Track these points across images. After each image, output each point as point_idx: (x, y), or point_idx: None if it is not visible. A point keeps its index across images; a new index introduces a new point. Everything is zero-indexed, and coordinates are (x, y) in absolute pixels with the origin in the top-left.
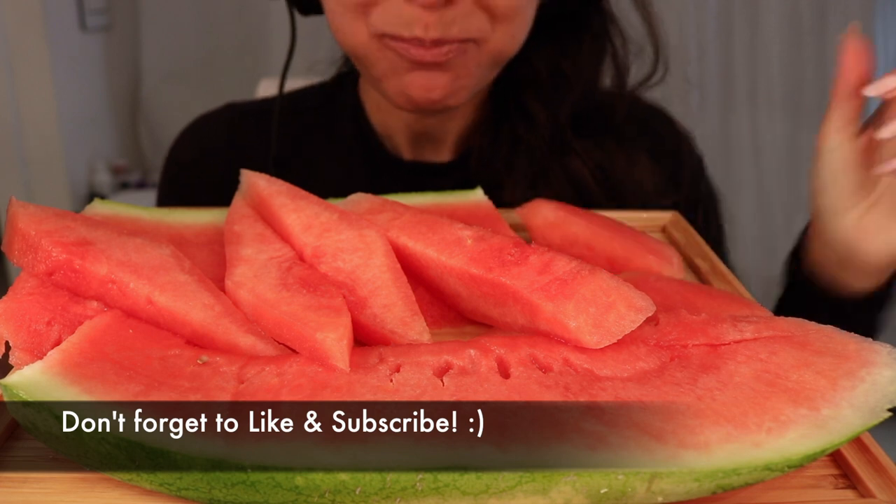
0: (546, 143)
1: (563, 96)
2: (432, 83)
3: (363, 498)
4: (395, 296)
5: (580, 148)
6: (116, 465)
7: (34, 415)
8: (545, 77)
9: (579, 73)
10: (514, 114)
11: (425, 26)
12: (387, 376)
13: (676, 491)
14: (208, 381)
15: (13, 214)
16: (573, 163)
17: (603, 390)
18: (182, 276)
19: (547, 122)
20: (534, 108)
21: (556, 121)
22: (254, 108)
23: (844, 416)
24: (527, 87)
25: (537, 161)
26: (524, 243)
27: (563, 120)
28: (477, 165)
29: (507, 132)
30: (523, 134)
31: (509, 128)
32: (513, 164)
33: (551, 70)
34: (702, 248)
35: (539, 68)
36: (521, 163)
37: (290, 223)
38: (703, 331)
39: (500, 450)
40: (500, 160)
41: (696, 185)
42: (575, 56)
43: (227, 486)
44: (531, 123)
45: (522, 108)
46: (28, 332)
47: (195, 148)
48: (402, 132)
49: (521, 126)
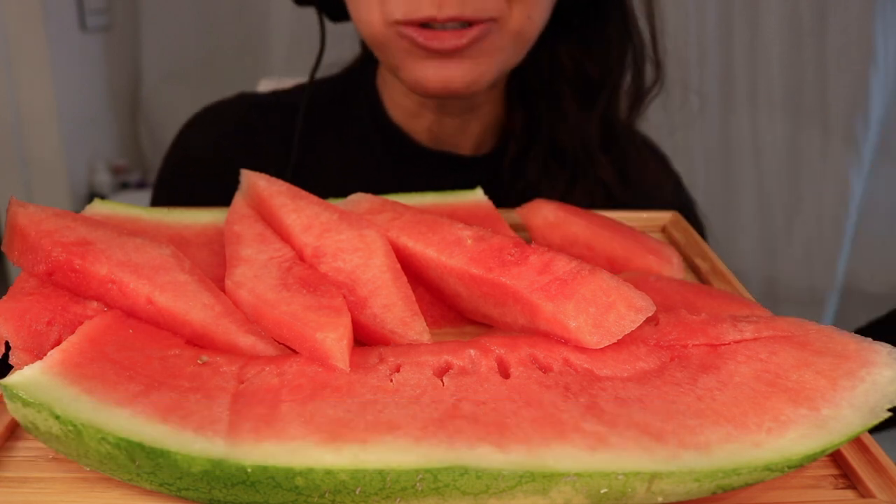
0: (580, 145)
1: (594, 96)
2: (451, 73)
3: (363, 498)
4: (395, 296)
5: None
6: (116, 465)
7: (34, 415)
8: (575, 78)
9: (608, 73)
10: (548, 115)
11: (440, 5)
12: (387, 376)
13: (676, 491)
14: (208, 381)
15: (13, 214)
16: (602, 165)
17: (603, 390)
18: (182, 276)
19: (581, 123)
20: (569, 108)
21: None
22: (267, 101)
23: (844, 416)
24: (561, 87)
25: (572, 162)
26: (524, 243)
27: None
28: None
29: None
30: (562, 138)
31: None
32: (549, 167)
33: (579, 71)
34: (702, 248)
35: (568, 70)
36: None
37: (290, 223)
38: (703, 331)
39: (500, 450)
40: (537, 161)
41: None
42: (601, 56)
43: (227, 486)
44: (566, 125)
45: (557, 109)
46: (28, 332)
47: (207, 137)
48: (423, 132)
49: (558, 128)
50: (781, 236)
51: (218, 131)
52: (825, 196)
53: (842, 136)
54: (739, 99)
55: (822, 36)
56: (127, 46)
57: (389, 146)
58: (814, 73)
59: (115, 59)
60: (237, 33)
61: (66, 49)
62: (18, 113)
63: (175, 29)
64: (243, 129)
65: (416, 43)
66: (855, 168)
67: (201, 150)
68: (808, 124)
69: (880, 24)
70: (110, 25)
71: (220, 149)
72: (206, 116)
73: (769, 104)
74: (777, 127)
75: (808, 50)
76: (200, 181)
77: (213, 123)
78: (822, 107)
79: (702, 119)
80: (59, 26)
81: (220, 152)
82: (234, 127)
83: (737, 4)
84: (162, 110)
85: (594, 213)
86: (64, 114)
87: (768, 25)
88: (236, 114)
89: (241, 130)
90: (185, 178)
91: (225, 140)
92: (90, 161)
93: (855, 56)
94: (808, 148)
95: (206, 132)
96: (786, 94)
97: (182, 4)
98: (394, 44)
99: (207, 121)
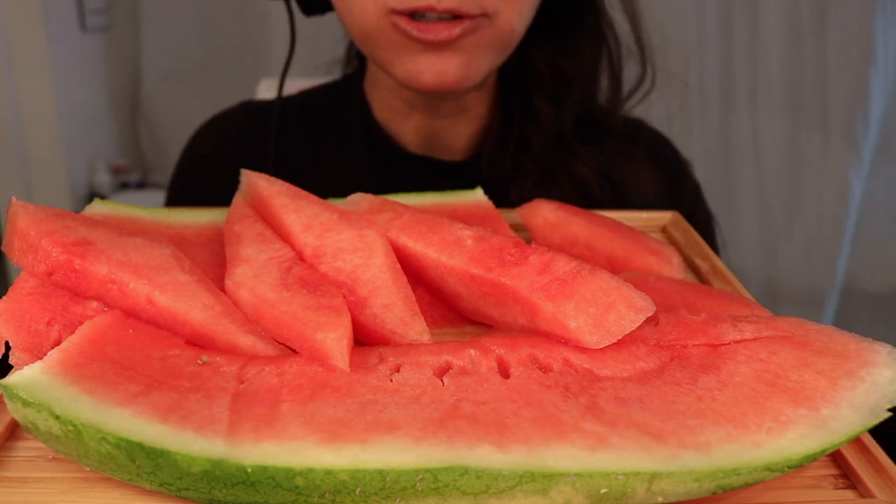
0: (551, 143)
1: (566, 95)
2: (445, 67)
3: (363, 498)
4: (395, 296)
5: (583, 153)
6: (116, 465)
7: (34, 415)
8: (547, 77)
9: (579, 73)
10: (521, 114)
11: None
12: (387, 376)
13: (676, 491)
14: (208, 381)
15: (13, 214)
16: (577, 165)
17: (603, 390)
18: (182, 276)
19: (552, 121)
20: (540, 107)
21: (561, 120)
22: (269, 107)
23: (844, 416)
24: (531, 87)
25: (542, 161)
26: (524, 243)
27: (567, 120)
28: (487, 166)
29: (515, 132)
30: (530, 134)
31: (517, 128)
32: (519, 164)
33: (552, 70)
34: (702, 248)
35: (540, 68)
36: (526, 162)
37: (290, 223)
38: (703, 331)
39: (500, 450)
40: (508, 160)
41: (694, 207)
42: (574, 55)
43: (227, 486)
44: (537, 123)
45: (529, 108)
46: (28, 332)
47: (212, 142)
48: (410, 134)
49: (529, 126)
50: (781, 236)
51: (222, 137)
52: (825, 196)
53: (842, 135)
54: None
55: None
56: (127, 46)
57: (375, 151)
58: (814, 73)
59: (115, 59)
60: (237, 33)
61: (66, 49)
62: (18, 113)
63: (175, 29)
64: (245, 134)
65: (409, 35)
66: (855, 168)
67: (207, 154)
68: (808, 124)
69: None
70: (110, 25)
71: (224, 154)
72: (212, 125)
73: (769, 103)
74: (777, 126)
75: (809, 49)
76: (208, 187)
77: (218, 131)
78: (822, 106)
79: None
80: (59, 26)
81: (224, 158)
82: (237, 133)
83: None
84: (162, 110)
85: (594, 213)
86: (64, 114)
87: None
88: (239, 120)
89: (244, 136)
90: (194, 183)
91: (228, 144)
92: (90, 161)
93: (855, 56)
94: (808, 147)
95: (211, 139)
96: (786, 93)
97: (182, 4)
98: (386, 37)
99: (212, 129)
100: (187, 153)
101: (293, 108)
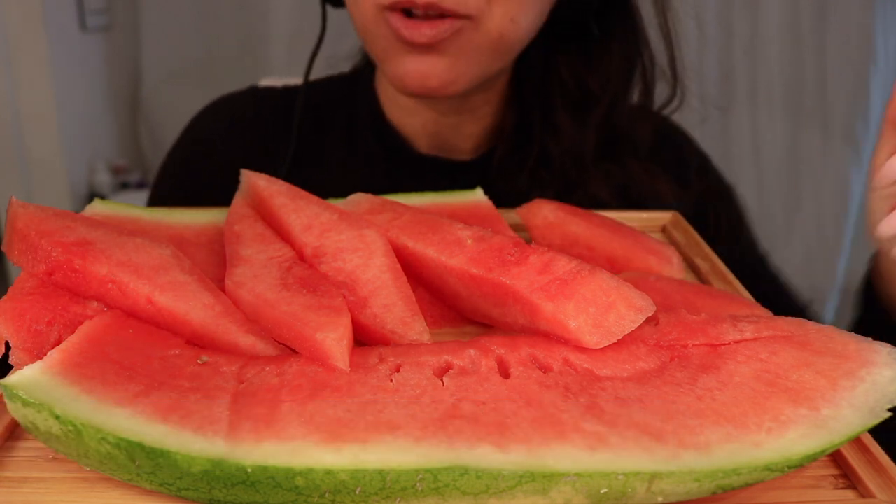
0: (571, 158)
1: (589, 112)
2: (429, 70)
3: (363, 498)
4: (395, 296)
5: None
6: (116, 465)
7: (34, 415)
8: (573, 90)
9: (606, 89)
10: (541, 125)
11: None
12: (387, 376)
13: (676, 491)
14: (208, 381)
15: (13, 214)
16: (598, 187)
17: (603, 390)
18: (182, 276)
19: (573, 137)
20: (562, 121)
21: (583, 137)
22: (277, 95)
23: (844, 416)
24: (554, 98)
25: (563, 176)
26: (524, 243)
27: (589, 138)
28: (498, 170)
29: (534, 143)
30: (550, 147)
31: (536, 138)
32: (538, 177)
33: (578, 83)
34: (702, 248)
35: (566, 80)
36: (545, 176)
37: (290, 223)
38: (703, 331)
39: (500, 450)
40: (526, 171)
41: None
42: (602, 71)
43: (227, 486)
44: (557, 137)
45: (550, 120)
46: (28, 332)
47: (220, 125)
48: (419, 132)
49: (549, 139)
50: (781, 236)
51: (229, 120)
52: (825, 196)
53: (842, 135)
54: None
55: (823, 35)
56: (127, 46)
57: (383, 146)
58: (814, 73)
59: (115, 59)
60: (237, 33)
61: (66, 49)
62: (18, 113)
63: (175, 29)
64: (253, 119)
65: (398, 35)
66: (855, 168)
67: (211, 138)
68: (808, 124)
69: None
70: (110, 25)
71: (231, 137)
72: (218, 106)
73: (769, 103)
74: (777, 126)
75: (809, 49)
76: (209, 168)
77: (225, 112)
78: (822, 106)
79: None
80: (59, 26)
81: (229, 141)
82: (244, 117)
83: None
84: (162, 110)
85: (594, 213)
86: (64, 114)
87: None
88: (247, 105)
89: (251, 121)
90: (195, 164)
91: (235, 128)
92: (90, 161)
93: (855, 55)
94: (808, 148)
95: (217, 120)
96: (786, 93)
97: (182, 4)
98: (381, 33)
99: (219, 110)
100: (187, 136)
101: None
